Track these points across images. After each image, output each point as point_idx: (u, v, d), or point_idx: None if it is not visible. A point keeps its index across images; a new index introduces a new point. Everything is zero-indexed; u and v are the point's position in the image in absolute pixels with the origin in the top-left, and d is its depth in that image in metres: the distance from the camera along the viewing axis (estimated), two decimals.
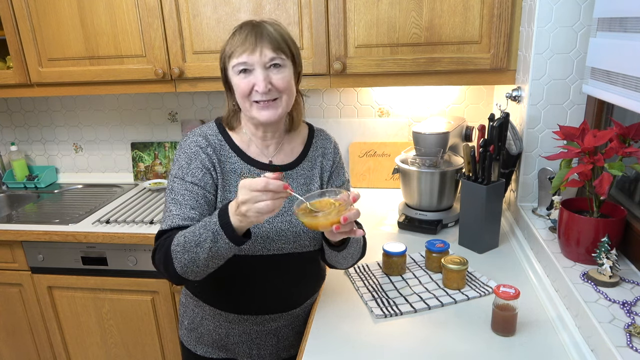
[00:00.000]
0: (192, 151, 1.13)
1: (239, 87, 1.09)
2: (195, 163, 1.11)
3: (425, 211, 1.68)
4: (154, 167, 2.37)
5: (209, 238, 0.95)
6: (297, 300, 1.24)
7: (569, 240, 1.20)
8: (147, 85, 1.89)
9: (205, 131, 1.17)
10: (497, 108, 1.72)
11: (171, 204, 1.09)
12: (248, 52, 1.06)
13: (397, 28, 1.65)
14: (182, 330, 1.29)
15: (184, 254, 0.98)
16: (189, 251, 0.97)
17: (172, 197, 1.10)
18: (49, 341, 2.05)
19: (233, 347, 1.24)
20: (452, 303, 1.22)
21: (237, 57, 1.07)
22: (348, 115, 2.15)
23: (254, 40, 1.06)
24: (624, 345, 0.89)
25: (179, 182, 1.11)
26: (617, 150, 1.11)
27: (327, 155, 1.25)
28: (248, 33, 1.07)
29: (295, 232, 1.15)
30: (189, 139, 1.15)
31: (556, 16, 1.39)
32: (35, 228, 1.88)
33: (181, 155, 1.14)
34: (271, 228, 1.13)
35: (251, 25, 1.10)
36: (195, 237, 0.97)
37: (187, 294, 1.27)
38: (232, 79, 1.11)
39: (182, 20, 1.76)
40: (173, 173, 1.13)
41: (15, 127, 2.47)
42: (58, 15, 1.83)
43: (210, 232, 0.95)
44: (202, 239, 0.96)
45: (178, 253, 0.99)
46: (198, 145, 1.13)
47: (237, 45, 1.07)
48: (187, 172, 1.11)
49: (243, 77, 1.08)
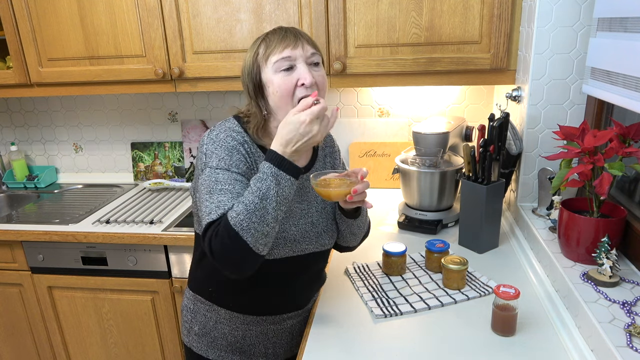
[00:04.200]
0: (230, 145, 1.07)
1: (281, 86, 1.04)
2: (236, 156, 1.06)
3: (425, 211, 1.68)
4: (154, 167, 2.37)
5: (272, 184, 0.95)
6: (311, 296, 1.27)
7: (569, 240, 1.20)
8: (147, 85, 1.89)
9: (232, 128, 1.11)
10: (497, 108, 1.72)
11: (218, 195, 1.01)
12: (290, 46, 1.05)
13: (397, 28, 1.65)
14: (191, 336, 1.26)
15: (252, 217, 0.94)
16: (256, 211, 0.94)
17: (219, 188, 1.02)
18: (49, 341, 2.05)
19: (249, 349, 1.24)
20: (452, 303, 1.22)
21: (280, 53, 1.04)
22: (348, 115, 2.15)
23: (293, 37, 1.06)
24: (624, 345, 0.89)
25: (223, 173, 1.04)
26: (617, 150, 1.11)
27: (332, 154, 1.28)
28: (285, 32, 1.07)
29: (317, 232, 1.16)
30: (222, 134, 1.09)
31: (556, 16, 1.39)
32: (35, 228, 1.88)
33: (218, 148, 1.06)
34: (297, 230, 1.13)
35: (284, 27, 1.09)
36: (255, 194, 0.95)
37: (196, 300, 1.24)
38: (270, 80, 1.06)
39: (182, 20, 1.76)
40: (214, 165, 1.05)
41: (15, 127, 2.48)
42: (58, 15, 1.83)
43: (270, 179, 0.95)
44: (263, 190, 0.95)
45: (244, 221, 0.93)
46: (234, 140, 1.08)
47: (276, 43, 1.05)
48: (230, 164, 1.05)
49: (285, 75, 1.04)
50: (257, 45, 1.09)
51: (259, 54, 1.08)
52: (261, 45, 1.08)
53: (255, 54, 1.08)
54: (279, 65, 1.05)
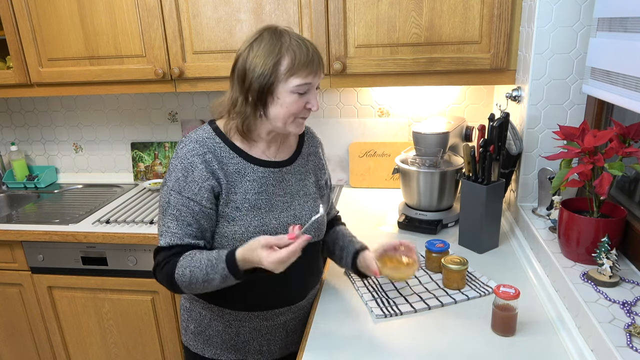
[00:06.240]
0: (188, 162, 1.09)
1: (293, 106, 1.08)
2: (191, 176, 1.09)
3: (425, 211, 1.68)
4: (154, 167, 2.37)
5: (217, 279, 1.06)
6: (303, 291, 1.26)
7: (569, 240, 1.20)
8: (147, 85, 1.89)
9: (201, 135, 1.14)
10: (497, 108, 1.72)
11: (168, 219, 1.10)
12: (313, 74, 1.08)
13: (397, 28, 1.65)
14: (188, 335, 1.28)
15: (192, 285, 1.08)
16: (196, 284, 1.07)
17: (170, 212, 1.10)
18: (49, 341, 2.05)
19: (243, 346, 1.24)
20: (452, 303, 1.22)
21: (304, 78, 1.06)
22: (348, 115, 2.15)
23: (317, 63, 1.08)
24: (624, 345, 0.89)
25: (175, 195, 1.09)
26: (617, 150, 1.11)
27: (317, 154, 1.30)
28: (312, 56, 1.07)
29: (301, 224, 1.16)
30: (185, 148, 1.12)
31: (556, 16, 1.39)
32: (35, 228, 1.88)
33: (177, 166, 1.10)
34: (278, 224, 1.15)
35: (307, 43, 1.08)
36: (203, 274, 1.06)
37: (191, 298, 1.26)
38: (283, 96, 1.07)
39: (182, 20, 1.76)
40: (170, 185, 1.10)
41: (15, 127, 2.47)
42: (58, 15, 1.83)
43: (218, 275, 1.05)
44: (209, 277, 1.06)
45: (184, 283, 1.08)
46: (195, 154, 1.10)
47: (302, 66, 1.05)
48: (183, 187, 1.09)
49: (298, 98, 1.08)
50: (278, 54, 1.05)
51: (281, 67, 1.05)
52: (285, 58, 1.05)
53: (277, 64, 1.05)
54: (299, 89, 1.07)
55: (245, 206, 1.12)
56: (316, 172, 1.28)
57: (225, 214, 1.12)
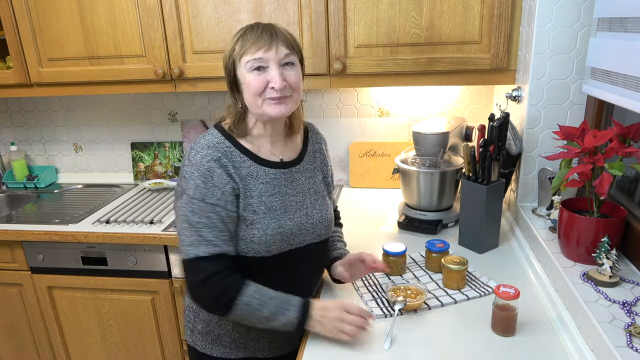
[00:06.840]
0: (205, 168, 1.08)
1: (252, 84, 1.08)
2: (211, 182, 1.07)
3: (425, 211, 1.68)
4: (154, 167, 2.37)
5: (281, 322, 1.09)
6: (311, 288, 1.27)
7: (569, 240, 1.20)
8: (147, 85, 1.89)
9: (211, 140, 1.13)
10: (497, 108, 1.72)
11: (199, 228, 1.07)
12: (264, 49, 1.07)
13: (397, 28, 1.65)
14: (195, 335, 1.27)
15: (249, 316, 1.09)
16: (254, 317, 1.09)
17: (197, 221, 1.07)
18: (49, 341, 2.05)
19: (253, 344, 1.24)
20: (452, 303, 1.22)
21: (252, 54, 1.07)
22: (348, 115, 2.15)
23: (268, 38, 1.07)
24: (624, 345, 0.89)
25: (198, 203, 1.07)
26: (617, 150, 1.11)
27: (321, 150, 1.30)
28: (262, 31, 1.08)
29: (313, 223, 1.19)
30: (198, 154, 1.09)
31: (556, 16, 1.39)
32: (35, 228, 1.88)
33: (194, 173, 1.08)
34: (293, 224, 1.15)
35: (262, 25, 1.11)
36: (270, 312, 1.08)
37: None
38: (243, 77, 1.09)
39: (182, 20, 1.76)
40: (190, 194, 1.07)
41: (15, 127, 2.47)
42: (58, 15, 1.83)
43: (284, 318, 1.08)
44: (273, 317, 1.08)
45: (243, 311, 1.08)
46: (211, 159, 1.08)
47: (251, 43, 1.07)
48: (205, 193, 1.07)
49: (257, 75, 1.08)
50: (235, 41, 1.11)
51: (234, 51, 1.10)
52: (238, 42, 1.10)
53: (232, 50, 1.11)
54: (251, 65, 1.08)
55: (261, 209, 1.12)
56: (323, 168, 1.29)
57: (244, 218, 1.11)
